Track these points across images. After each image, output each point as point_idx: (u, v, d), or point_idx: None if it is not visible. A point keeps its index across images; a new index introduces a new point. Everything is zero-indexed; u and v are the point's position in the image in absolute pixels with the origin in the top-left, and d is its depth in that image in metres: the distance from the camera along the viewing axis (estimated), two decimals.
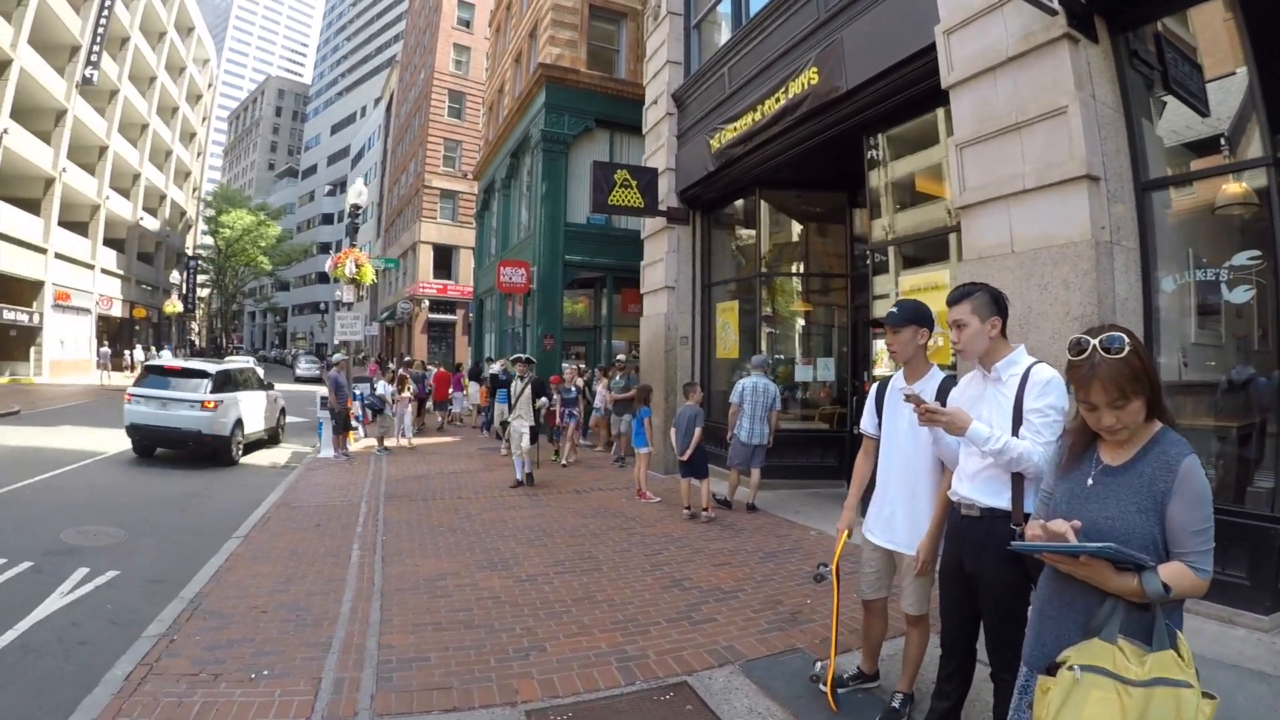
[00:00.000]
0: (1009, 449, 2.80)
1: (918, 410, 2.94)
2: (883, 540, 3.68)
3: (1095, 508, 2.17)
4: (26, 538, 7.50)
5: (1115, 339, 2.09)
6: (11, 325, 28.92)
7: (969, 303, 3.09)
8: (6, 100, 26.23)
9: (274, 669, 4.49)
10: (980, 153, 5.64)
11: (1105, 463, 2.21)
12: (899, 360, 3.64)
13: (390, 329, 50.05)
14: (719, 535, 7.93)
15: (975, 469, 3.02)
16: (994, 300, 3.09)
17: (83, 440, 14.78)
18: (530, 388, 11.02)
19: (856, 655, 4.27)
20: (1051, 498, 2.34)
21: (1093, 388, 2.11)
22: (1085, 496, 2.21)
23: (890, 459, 3.67)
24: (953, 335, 3.14)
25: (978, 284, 3.16)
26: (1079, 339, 2.17)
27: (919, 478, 3.53)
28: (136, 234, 42.32)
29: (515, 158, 22.30)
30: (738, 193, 11.48)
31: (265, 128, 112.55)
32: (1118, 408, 2.09)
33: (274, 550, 7.35)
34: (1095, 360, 2.10)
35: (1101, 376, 2.08)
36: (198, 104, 55.03)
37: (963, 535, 3.10)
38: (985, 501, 2.98)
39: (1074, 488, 2.27)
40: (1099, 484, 2.20)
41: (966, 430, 2.86)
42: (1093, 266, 4.82)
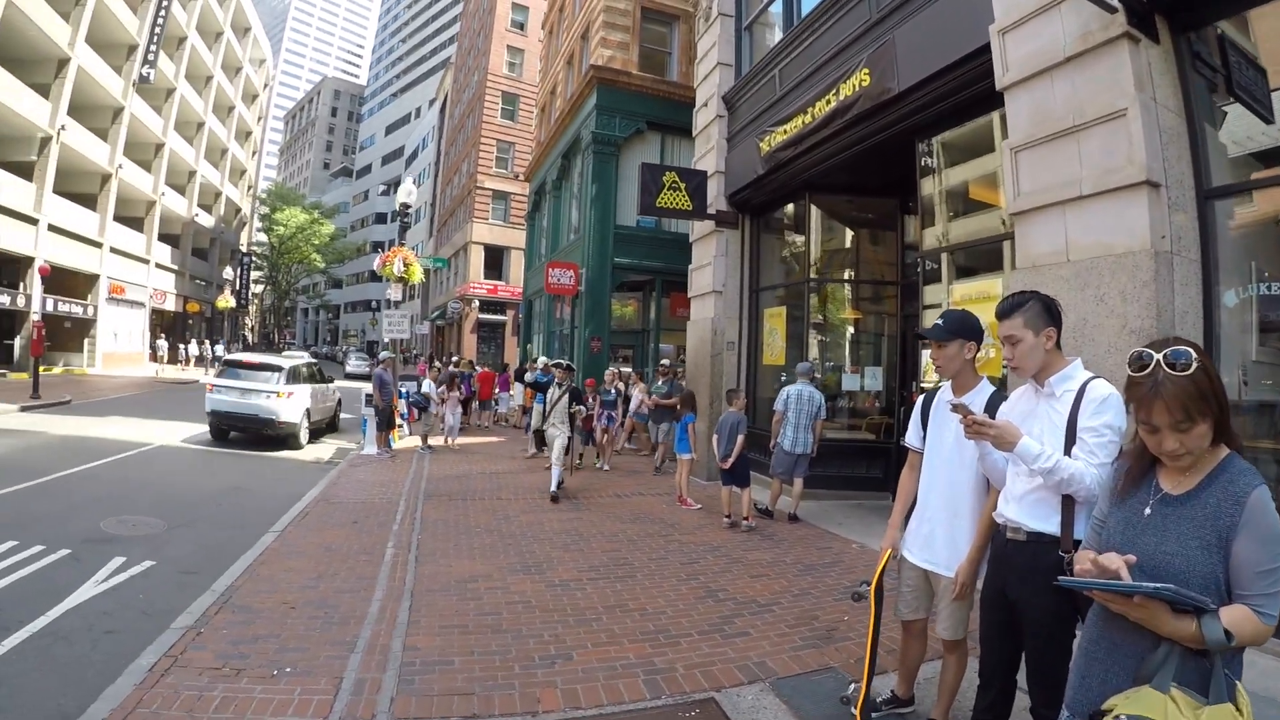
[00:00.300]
0: (1060, 468, 2.61)
1: (964, 422, 2.77)
2: (920, 560, 3.51)
3: (1152, 540, 1.98)
4: (67, 525, 7.62)
5: (1181, 354, 1.90)
6: (66, 317, 29.74)
7: (1021, 315, 2.88)
8: (64, 98, 27.07)
9: (297, 666, 4.49)
10: (1035, 157, 5.42)
11: (1165, 491, 2.02)
12: (945, 375, 3.47)
13: (440, 328, 50.61)
14: (758, 545, 7.78)
15: (1023, 490, 2.84)
16: (1047, 310, 2.89)
17: (130, 431, 15.08)
18: (568, 395, 10.80)
19: (892, 678, 4.10)
20: (1105, 526, 2.15)
21: (1155, 408, 1.91)
22: (1142, 527, 2.02)
23: (933, 475, 3.50)
24: (1006, 352, 2.94)
25: (1029, 293, 2.96)
26: (1141, 353, 1.98)
27: (962, 496, 3.35)
28: (191, 230, 43.38)
29: (566, 159, 22.37)
30: (787, 197, 11.30)
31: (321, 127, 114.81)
32: (1181, 431, 1.90)
33: (308, 546, 7.36)
34: (1159, 377, 1.91)
35: (1165, 396, 1.89)
36: (253, 103, 56.27)
37: (1007, 560, 2.92)
38: (1032, 525, 2.80)
39: (1130, 517, 2.07)
40: (1157, 514, 2.01)
41: (1016, 446, 2.68)
42: (1152, 278, 4.59)
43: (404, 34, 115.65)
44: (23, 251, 25.53)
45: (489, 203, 42.43)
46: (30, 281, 24.69)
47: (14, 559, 6.44)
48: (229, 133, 49.12)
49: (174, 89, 37.77)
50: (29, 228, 25.92)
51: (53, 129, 26.54)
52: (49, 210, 26.83)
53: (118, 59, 31.50)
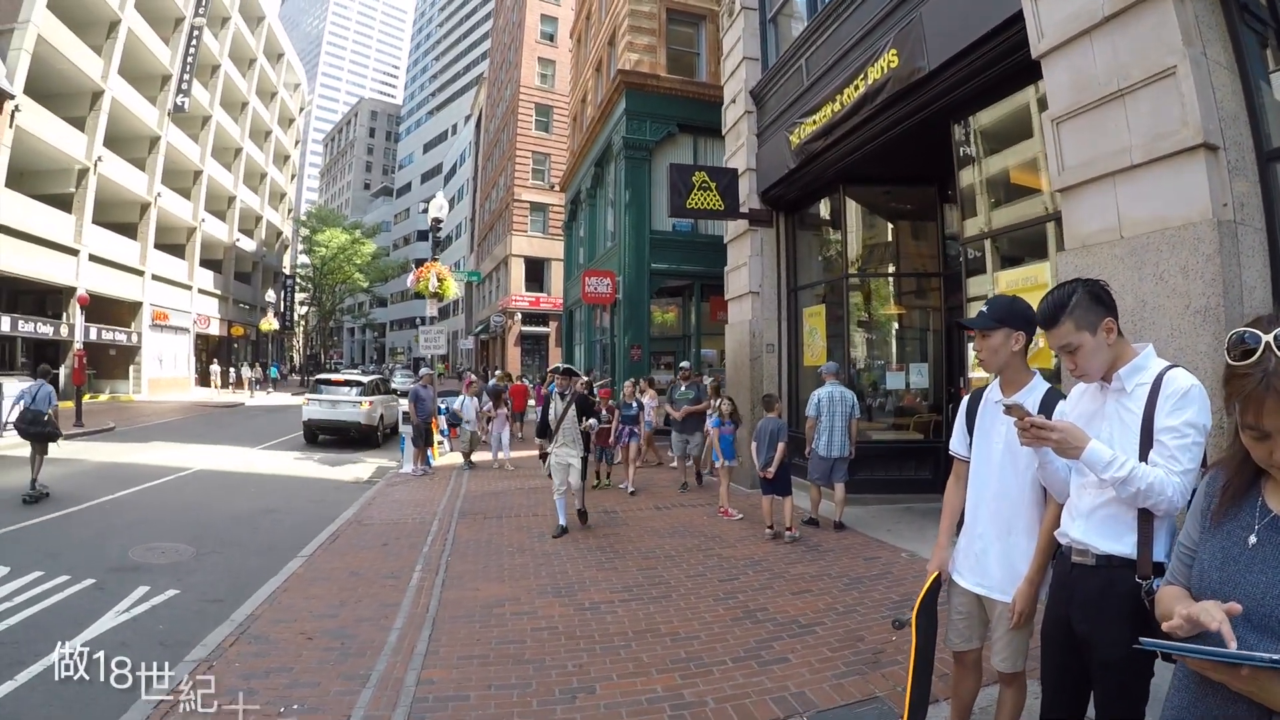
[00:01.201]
0: (1136, 477, 2.19)
1: (1020, 425, 2.35)
2: (971, 583, 3.06)
3: (1261, 580, 1.51)
4: (94, 554, 7.63)
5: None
6: (111, 345, 30.28)
7: (1069, 320, 2.43)
8: (100, 130, 27.60)
9: (305, 703, 4.29)
10: (1079, 126, 4.97)
11: (1276, 512, 1.56)
12: (990, 369, 3.03)
13: (485, 342, 50.85)
14: (801, 558, 7.37)
15: (1091, 504, 2.42)
16: (1095, 299, 2.43)
17: (170, 457, 15.18)
18: (575, 406, 8.94)
19: (945, 707, 3.67)
20: (1196, 558, 1.69)
21: (1266, 406, 1.46)
22: (1247, 562, 1.55)
23: (982, 486, 3.04)
24: (1066, 364, 2.51)
25: (1069, 285, 2.50)
26: (1243, 334, 1.52)
27: (1016, 509, 2.92)
28: (233, 254, 43.94)
29: (599, 167, 22.19)
30: (821, 190, 10.86)
31: (360, 148, 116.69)
32: None
33: (334, 571, 7.21)
34: (1270, 366, 1.45)
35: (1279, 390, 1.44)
36: (290, 127, 57.01)
37: (1072, 588, 2.47)
38: (1103, 546, 2.37)
39: (1229, 548, 1.60)
40: (1268, 543, 1.54)
41: (1083, 452, 2.26)
42: (1216, 250, 4.11)
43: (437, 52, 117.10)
44: (64, 282, 26.02)
45: (527, 215, 42.51)
46: (73, 311, 25.15)
47: (39, 589, 6.38)
48: (267, 157, 49.86)
49: (209, 116, 38.35)
50: (70, 259, 26.42)
51: (89, 161, 27.06)
52: (89, 241, 27.34)
53: (152, 89, 32.09)
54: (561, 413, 8.88)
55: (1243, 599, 1.48)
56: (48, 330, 26.14)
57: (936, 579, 3.17)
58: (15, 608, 5.94)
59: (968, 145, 7.68)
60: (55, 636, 5.19)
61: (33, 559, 7.22)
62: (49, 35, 23.89)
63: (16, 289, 25.66)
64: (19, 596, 6.20)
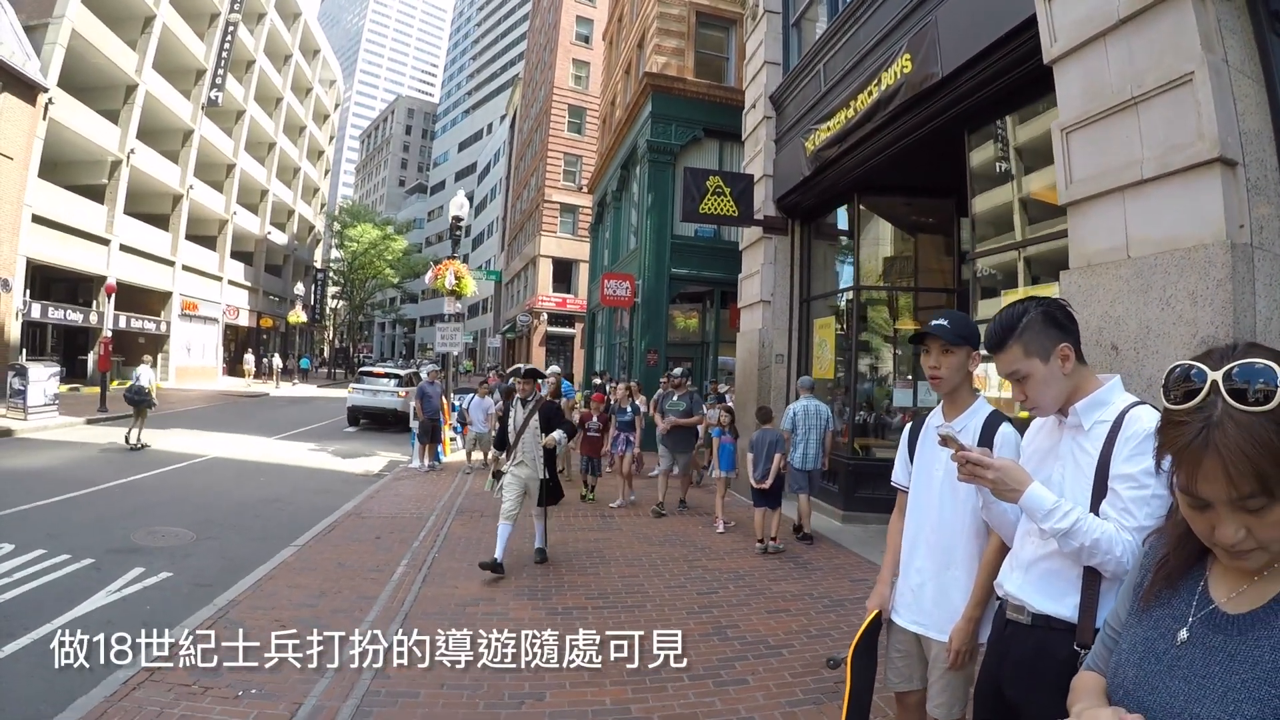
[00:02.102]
0: (1080, 531, 1.91)
1: (955, 458, 2.09)
2: (908, 621, 2.79)
3: (1181, 690, 1.18)
4: (98, 535, 7.73)
5: (1258, 372, 1.09)
6: (140, 333, 30.82)
7: (1018, 345, 2.14)
8: (133, 122, 28.03)
9: (263, 688, 4.31)
10: (1089, 137, 4.72)
11: (1217, 603, 1.22)
12: (945, 389, 2.75)
13: (511, 341, 50.95)
14: (787, 575, 7.16)
15: (1032, 555, 2.13)
16: (1050, 321, 2.14)
17: (188, 443, 15.30)
18: (539, 416, 7.30)
19: None
20: (1118, 645, 1.37)
21: (1204, 468, 1.10)
22: (1170, 663, 1.22)
23: (921, 518, 2.79)
24: (1015, 395, 2.22)
25: (1019, 305, 2.21)
26: (1187, 370, 1.17)
27: (955, 541, 2.68)
28: (264, 247, 44.35)
29: (625, 169, 22.07)
30: (836, 199, 10.61)
31: (396, 145, 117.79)
32: (1252, 511, 1.09)
33: (322, 561, 7.19)
34: (1215, 414, 1.09)
35: (1226, 450, 1.07)
36: (325, 123, 57.46)
37: (1005, 647, 2.18)
38: (1040, 605, 2.07)
39: (1154, 640, 1.28)
40: (1199, 644, 1.21)
41: (1021, 495, 1.98)
42: (1228, 276, 3.82)
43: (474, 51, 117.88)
44: (95, 271, 26.41)
45: (557, 216, 42.52)
46: (102, 300, 25.58)
47: (39, 566, 6.55)
48: (300, 152, 50.29)
49: (243, 111, 38.71)
50: (101, 248, 26.86)
51: (122, 153, 27.50)
52: (120, 231, 27.75)
53: (186, 84, 32.51)
54: (521, 423, 7.30)
55: (1156, 709, 1.20)
56: (77, 318, 26.61)
57: (876, 617, 2.90)
58: (13, 583, 6.10)
59: (982, 157, 7.41)
60: (46, 612, 5.48)
61: (37, 538, 7.37)
62: (83, 30, 24.29)
63: (49, 277, 26.12)
64: (19, 573, 6.36)
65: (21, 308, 22.47)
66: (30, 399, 15.99)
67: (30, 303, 23.36)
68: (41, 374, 16.51)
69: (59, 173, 25.48)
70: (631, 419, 11.25)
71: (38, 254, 23.12)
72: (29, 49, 21.80)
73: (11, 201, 21.28)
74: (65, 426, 16.42)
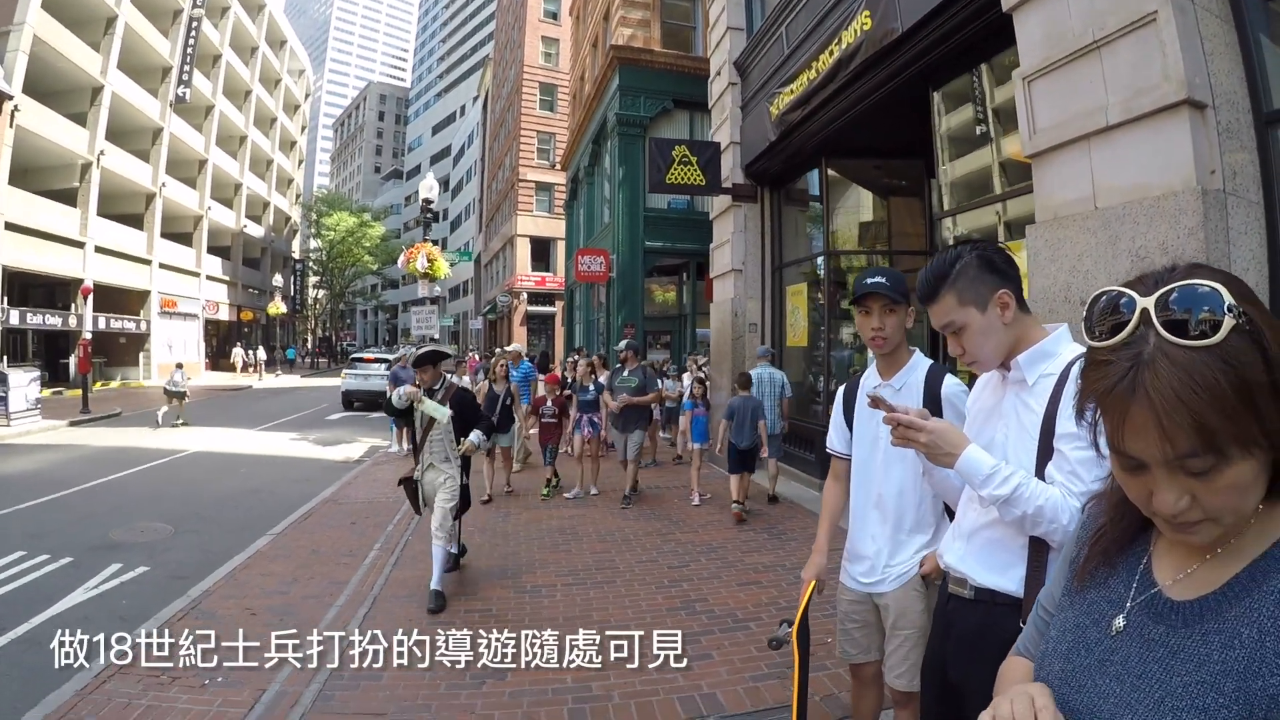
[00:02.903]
0: (1022, 498, 1.72)
1: (886, 420, 1.89)
2: (862, 588, 2.69)
3: (1112, 690, 0.96)
4: (77, 534, 7.72)
5: (1201, 297, 0.85)
6: (120, 333, 30.73)
7: (951, 293, 1.93)
8: (101, 124, 27.73)
9: (229, 676, 4.28)
10: (1052, 85, 4.58)
11: (1161, 586, 0.99)
12: (887, 349, 2.60)
13: (493, 322, 50.68)
14: (761, 546, 7.08)
15: (974, 524, 1.95)
16: (986, 266, 1.94)
17: (169, 440, 15.15)
18: (453, 404, 5.88)
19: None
20: (1049, 629, 1.15)
21: (1132, 419, 0.86)
22: (1102, 656, 1.00)
23: (868, 484, 2.65)
24: (953, 349, 2.00)
25: (952, 251, 2.02)
26: (1112, 297, 0.92)
27: (906, 506, 2.57)
28: (241, 241, 44.01)
29: (596, 144, 21.88)
30: (803, 164, 10.41)
31: (369, 132, 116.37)
32: (1195, 474, 0.85)
33: (297, 548, 7.18)
34: (1146, 350, 0.85)
35: (1156, 394, 0.83)
36: (296, 114, 56.72)
37: (948, 624, 2.01)
38: (982, 578, 1.89)
39: (1086, 628, 1.05)
40: (1137, 635, 0.98)
41: (957, 458, 1.79)
42: (1199, 224, 3.68)
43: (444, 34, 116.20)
44: (72, 274, 26.20)
45: (532, 195, 42.16)
46: (80, 302, 25.50)
47: (18, 568, 6.58)
48: (273, 144, 49.73)
49: (213, 106, 38.23)
50: (76, 251, 26.71)
51: (92, 155, 27.24)
52: (95, 233, 27.53)
53: (153, 82, 32.06)
54: (426, 421, 5.82)
55: (1082, 712, 0.98)
56: (56, 321, 26.57)
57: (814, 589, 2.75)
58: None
59: (945, 110, 7.25)
60: (24, 611, 5.53)
61: (17, 540, 7.39)
62: (45, 35, 24.04)
63: (26, 283, 25.96)
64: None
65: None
66: (12, 404, 15.90)
67: (8, 309, 23.31)
68: (22, 379, 16.43)
69: (30, 179, 25.33)
70: (594, 398, 10.00)
71: (13, 261, 23.09)
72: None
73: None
74: (48, 430, 16.33)
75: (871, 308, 2.55)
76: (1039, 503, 1.71)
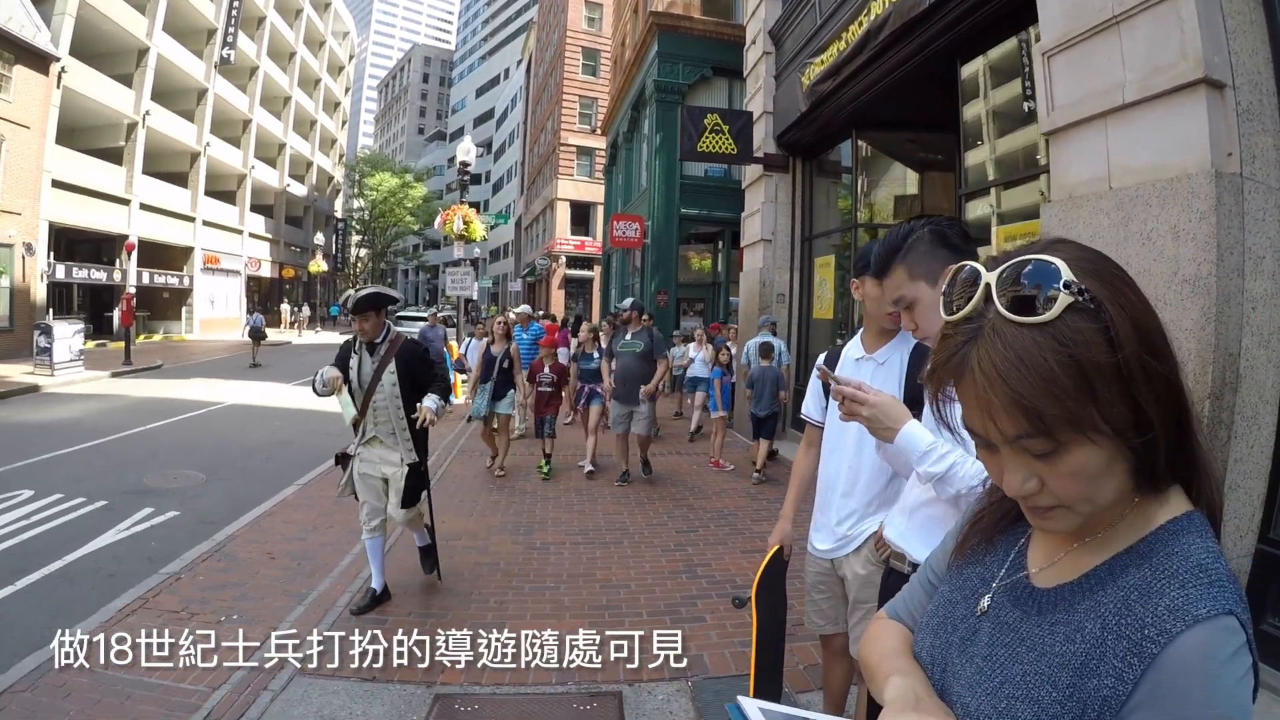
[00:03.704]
0: (957, 475, 1.74)
1: (833, 394, 1.91)
2: (825, 555, 2.67)
3: (965, 672, 0.94)
4: (113, 479, 8.04)
5: (1037, 272, 0.80)
6: (164, 288, 31.49)
7: (902, 267, 1.95)
8: (147, 85, 28.08)
9: (244, 614, 4.54)
10: (1071, 60, 4.51)
11: (1028, 571, 0.96)
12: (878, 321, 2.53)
13: (531, 285, 50.92)
14: (772, 515, 6.80)
15: (916, 500, 1.99)
16: (939, 240, 1.94)
17: (207, 392, 15.56)
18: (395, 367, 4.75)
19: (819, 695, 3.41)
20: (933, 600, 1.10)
21: (963, 394, 0.84)
22: (964, 635, 0.98)
23: (840, 455, 2.60)
24: (905, 324, 2.01)
25: (905, 225, 2.02)
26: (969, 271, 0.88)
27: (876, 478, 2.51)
28: (284, 199, 44.49)
29: (635, 111, 21.77)
30: (834, 135, 10.29)
31: (414, 94, 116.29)
32: (1037, 455, 0.81)
33: (320, 498, 7.36)
34: (985, 323, 0.81)
35: (980, 372, 0.80)
36: (340, 75, 56.90)
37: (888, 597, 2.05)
38: (919, 554, 1.90)
39: (956, 604, 1.03)
40: (994, 619, 0.95)
41: (897, 433, 1.81)
42: (1211, 208, 3.59)
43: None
44: (117, 230, 26.78)
45: (573, 159, 42.06)
46: (124, 258, 26.28)
47: (55, 509, 6.84)
48: (316, 105, 49.99)
49: (257, 67, 38.46)
50: (121, 208, 27.23)
51: (138, 115, 27.63)
52: (139, 190, 28.02)
53: (198, 43, 32.32)
54: (370, 379, 4.73)
55: (943, 692, 0.96)
56: (101, 276, 27.16)
57: (778, 553, 2.81)
58: (30, 525, 6.40)
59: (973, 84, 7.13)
60: (59, 550, 5.79)
61: (56, 483, 7.67)
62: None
63: (73, 238, 26.47)
64: (36, 515, 6.65)
65: (46, 269, 22.95)
66: (56, 356, 16.36)
67: (55, 264, 23.84)
68: (66, 331, 16.88)
69: (77, 138, 25.75)
70: (598, 367, 9.14)
71: (60, 217, 23.53)
72: (39, 21, 21.86)
73: (31, 169, 21.71)
74: (91, 380, 16.75)
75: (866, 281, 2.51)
76: (972, 482, 1.72)
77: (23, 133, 21.05)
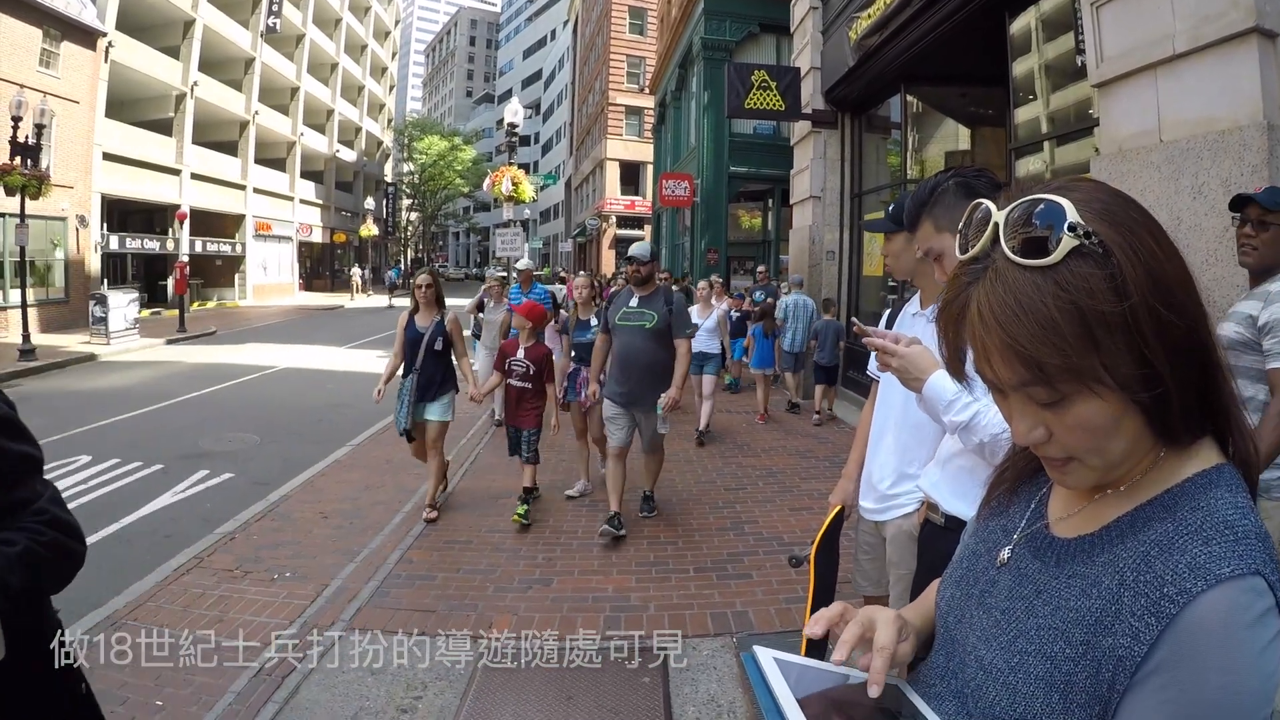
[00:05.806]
0: (980, 425, 1.73)
1: (867, 344, 1.92)
2: (870, 516, 2.60)
3: (981, 623, 0.93)
4: (169, 443, 8.28)
5: (1044, 212, 0.76)
6: (216, 256, 32.08)
7: (929, 219, 1.93)
8: (194, 56, 28.39)
9: (297, 572, 4.72)
10: (1120, 10, 4.44)
11: (1049, 520, 0.93)
12: (900, 274, 2.59)
13: (582, 245, 51.05)
14: (821, 474, 7.09)
15: (949, 451, 1.99)
16: (966, 191, 1.87)
17: (261, 357, 15.90)
18: None
19: None
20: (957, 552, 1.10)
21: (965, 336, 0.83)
22: (984, 588, 0.96)
23: (887, 411, 2.55)
24: (937, 276, 2.02)
25: (933, 178, 2.00)
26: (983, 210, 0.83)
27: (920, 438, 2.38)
28: (333, 165, 44.90)
29: (683, 69, 21.56)
30: (883, 90, 10.08)
31: (461, 57, 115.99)
32: (1044, 405, 0.79)
33: (373, 459, 7.56)
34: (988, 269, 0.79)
35: (980, 315, 0.78)
36: (386, 40, 56.92)
37: (923, 549, 2.07)
38: (949, 505, 1.91)
39: (979, 555, 1.01)
40: (1014, 570, 0.93)
41: (924, 383, 1.80)
42: (1264, 161, 3.58)
43: None
44: (169, 201, 27.38)
45: (622, 119, 41.80)
46: (176, 227, 26.98)
47: (113, 474, 7.05)
48: (363, 70, 50.17)
49: (303, 35, 38.66)
50: (172, 178, 27.72)
51: (186, 86, 28.04)
52: (190, 160, 28.49)
53: (243, 13, 32.51)
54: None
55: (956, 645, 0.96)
56: (154, 245, 27.81)
57: (839, 512, 2.74)
58: (89, 489, 6.60)
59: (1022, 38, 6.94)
60: (116, 512, 5.96)
61: (114, 448, 7.90)
62: None
63: (126, 209, 27.05)
64: (94, 480, 6.86)
65: (100, 240, 23.49)
66: (111, 324, 16.79)
67: (108, 235, 24.39)
68: (121, 300, 17.31)
69: (126, 111, 26.17)
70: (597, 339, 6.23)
71: (112, 189, 24.01)
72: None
73: (82, 142, 22.10)
74: (146, 348, 17.20)
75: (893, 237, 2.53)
76: (995, 430, 1.71)
77: (73, 108, 21.39)
